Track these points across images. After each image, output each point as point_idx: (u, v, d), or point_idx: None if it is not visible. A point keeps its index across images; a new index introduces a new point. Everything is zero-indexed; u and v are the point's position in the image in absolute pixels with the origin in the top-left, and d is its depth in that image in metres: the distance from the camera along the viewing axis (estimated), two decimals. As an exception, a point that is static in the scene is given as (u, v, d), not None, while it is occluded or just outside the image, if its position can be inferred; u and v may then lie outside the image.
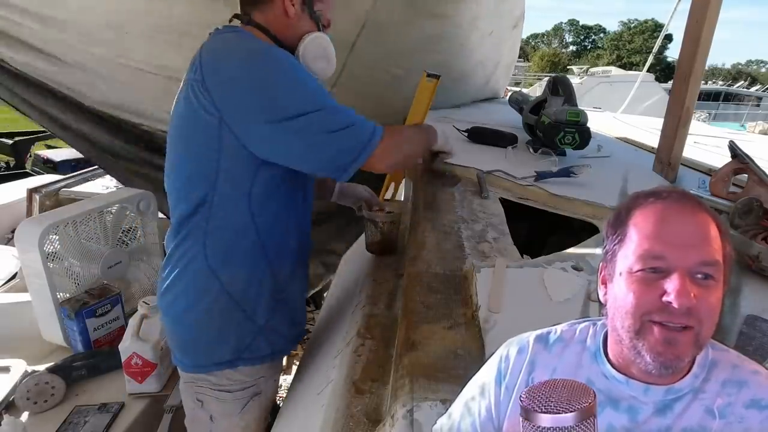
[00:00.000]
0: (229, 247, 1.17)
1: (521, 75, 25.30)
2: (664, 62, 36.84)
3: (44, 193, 3.14)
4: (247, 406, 1.28)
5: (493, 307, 1.01)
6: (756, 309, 1.03)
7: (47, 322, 1.87)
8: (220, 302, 1.19)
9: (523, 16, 3.22)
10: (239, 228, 1.17)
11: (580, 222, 1.51)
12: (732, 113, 18.98)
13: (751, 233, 1.16)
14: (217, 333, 1.21)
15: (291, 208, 1.24)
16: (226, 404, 1.26)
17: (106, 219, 2.05)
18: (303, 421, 1.13)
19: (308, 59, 1.21)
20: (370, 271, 1.53)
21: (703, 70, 1.72)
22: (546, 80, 2.74)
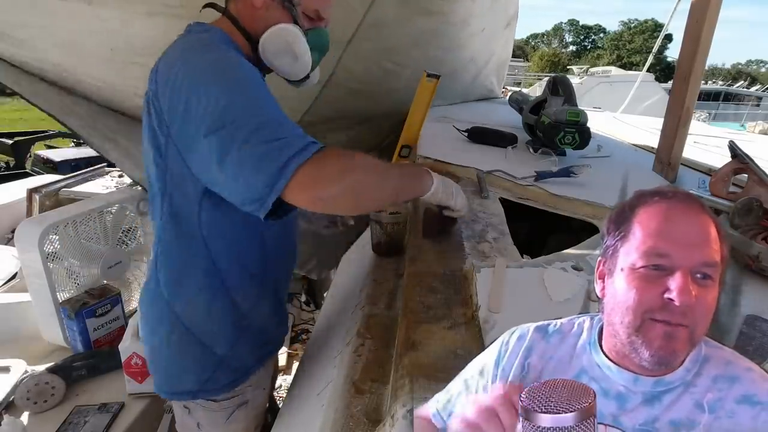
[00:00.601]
0: (182, 274, 1.08)
1: (521, 75, 25.30)
2: (664, 62, 36.84)
3: (44, 193, 3.14)
4: (233, 415, 1.22)
5: (493, 307, 1.01)
6: (756, 309, 1.03)
7: (47, 322, 1.88)
8: (176, 332, 1.11)
9: (517, 15, 3.23)
10: (191, 253, 1.06)
11: (580, 222, 1.51)
12: (732, 113, 18.97)
13: (751, 233, 1.16)
14: (176, 364, 1.14)
15: (250, 232, 1.10)
16: (212, 413, 1.21)
17: (106, 219, 2.05)
18: (303, 421, 1.12)
19: (269, 55, 1.09)
20: (370, 271, 1.52)
21: (703, 70, 1.72)
22: (546, 80, 2.75)
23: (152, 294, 1.12)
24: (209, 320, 1.11)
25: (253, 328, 1.19)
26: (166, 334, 1.12)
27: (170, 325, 1.10)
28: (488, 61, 3.24)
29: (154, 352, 1.16)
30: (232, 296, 1.12)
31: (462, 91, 3.27)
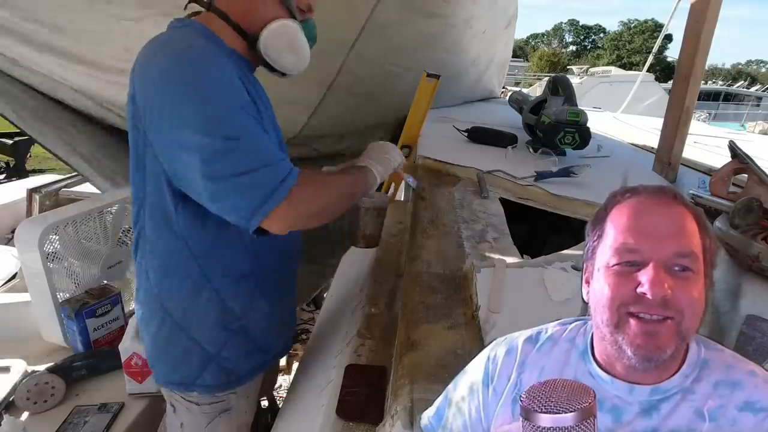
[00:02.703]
0: (167, 270, 1.07)
1: (521, 75, 25.28)
2: (664, 62, 36.82)
3: (44, 193, 3.14)
4: (214, 422, 1.19)
5: (493, 307, 1.01)
6: (756, 309, 1.03)
7: (47, 322, 1.87)
8: (165, 327, 1.10)
9: (516, 15, 3.24)
10: (173, 251, 1.05)
11: (580, 222, 1.51)
12: (732, 113, 18.98)
13: (751, 233, 1.16)
14: (169, 357, 1.13)
15: (231, 236, 1.07)
16: (194, 416, 1.19)
17: (106, 219, 2.05)
18: (303, 421, 1.12)
19: (272, 54, 1.06)
20: (370, 271, 1.52)
21: (703, 70, 1.72)
22: (546, 80, 2.75)
23: (143, 290, 1.12)
24: (197, 319, 1.09)
25: (247, 331, 1.15)
26: (157, 328, 1.11)
27: (161, 320, 1.10)
28: (490, 62, 3.25)
29: (149, 343, 1.17)
30: (221, 297, 1.09)
31: (465, 92, 3.27)
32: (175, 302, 1.09)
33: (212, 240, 1.05)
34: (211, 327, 1.10)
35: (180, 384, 1.16)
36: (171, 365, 1.15)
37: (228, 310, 1.10)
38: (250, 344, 1.17)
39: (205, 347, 1.11)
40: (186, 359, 1.12)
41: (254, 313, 1.15)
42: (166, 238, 1.04)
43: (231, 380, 1.17)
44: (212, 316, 1.09)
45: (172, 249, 1.05)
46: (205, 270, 1.06)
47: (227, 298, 1.10)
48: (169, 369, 1.16)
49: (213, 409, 1.18)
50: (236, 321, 1.12)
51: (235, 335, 1.13)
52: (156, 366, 1.18)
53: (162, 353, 1.15)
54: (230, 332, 1.12)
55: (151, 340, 1.15)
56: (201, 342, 1.11)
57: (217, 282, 1.08)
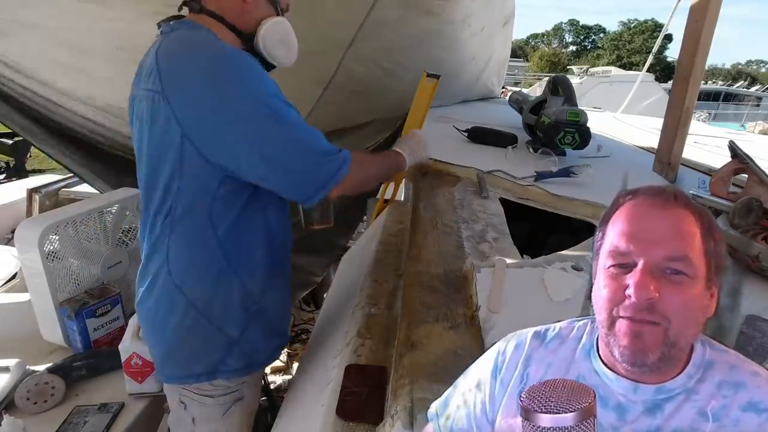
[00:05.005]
0: (192, 260, 1.12)
1: (521, 75, 25.28)
2: (664, 62, 36.80)
3: (44, 193, 3.14)
4: (229, 411, 1.25)
5: (493, 307, 1.01)
6: (756, 309, 1.03)
7: (47, 322, 1.87)
8: (188, 317, 1.14)
9: (514, 13, 3.24)
10: (200, 241, 1.11)
11: (580, 222, 1.51)
12: (732, 113, 18.97)
13: (751, 233, 1.16)
14: (190, 349, 1.17)
15: (257, 218, 1.17)
16: (208, 408, 1.23)
17: (106, 219, 2.05)
18: (303, 421, 1.12)
19: (268, 47, 1.16)
20: (370, 271, 1.53)
21: (703, 70, 1.72)
22: (546, 80, 2.75)
23: (162, 285, 1.14)
24: (221, 304, 1.15)
25: (264, 313, 1.22)
26: (178, 321, 1.14)
27: (183, 310, 1.14)
28: (489, 60, 3.25)
29: (165, 342, 1.19)
30: (241, 278, 1.16)
31: (464, 90, 3.27)
32: (199, 291, 1.13)
33: (236, 223, 1.13)
34: (233, 310, 1.16)
35: (200, 375, 1.19)
36: (191, 357, 1.18)
37: (248, 293, 1.17)
38: (268, 325, 1.24)
39: (228, 332, 1.17)
40: (207, 348, 1.17)
41: (270, 294, 1.23)
42: (196, 228, 1.10)
43: (251, 363, 1.23)
44: (235, 300, 1.16)
45: (199, 236, 1.11)
46: (228, 254, 1.13)
47: (247, 281, 1.17)
48: (187, 361, 1.18)
49: (227, 399, 1.24)
50: (255, 303, 1.19)
51: (255, 318, 1.20)
52: (169, 363, 1.20)
53: (181, 346, 1.17)
54: (251, 314, 1.19)
55: (172, 333, 1.17)
56: (223, 327, 1.16)
57: (238, 265, 1.15)
